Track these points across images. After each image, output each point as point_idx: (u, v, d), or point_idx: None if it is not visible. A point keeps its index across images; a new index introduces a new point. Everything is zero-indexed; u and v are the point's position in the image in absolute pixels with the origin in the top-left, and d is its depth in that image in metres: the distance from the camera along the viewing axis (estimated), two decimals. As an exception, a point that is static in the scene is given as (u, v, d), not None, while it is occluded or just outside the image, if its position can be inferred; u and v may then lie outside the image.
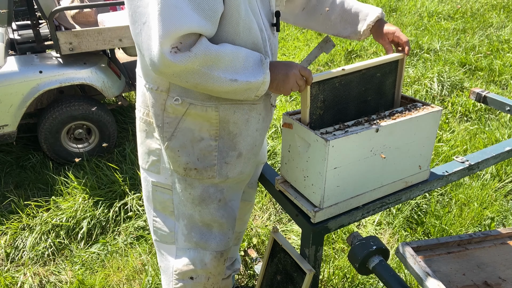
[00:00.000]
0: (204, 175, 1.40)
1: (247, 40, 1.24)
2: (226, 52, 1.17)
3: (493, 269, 1.39)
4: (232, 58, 1.18)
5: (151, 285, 2.25)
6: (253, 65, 1.22)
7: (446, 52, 5.27)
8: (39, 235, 2.63)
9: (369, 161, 1.37)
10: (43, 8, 3.00)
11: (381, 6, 6.79)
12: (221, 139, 1.37)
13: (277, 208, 2.88)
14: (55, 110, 3.20)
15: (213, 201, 1.46)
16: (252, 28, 1.24)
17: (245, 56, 1.21)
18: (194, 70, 1.14)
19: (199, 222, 1.49)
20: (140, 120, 1.45)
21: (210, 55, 1.13)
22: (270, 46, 1.35)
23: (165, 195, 1.48)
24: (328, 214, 1.37)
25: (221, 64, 1.16)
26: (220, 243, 1.53)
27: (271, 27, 1.37)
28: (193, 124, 1.34)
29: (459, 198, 2.85)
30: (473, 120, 3.92)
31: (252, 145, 1.44)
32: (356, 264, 1.23)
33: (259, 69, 1.22)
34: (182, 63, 1.10)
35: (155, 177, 1.47)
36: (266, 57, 1.26)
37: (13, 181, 3.28)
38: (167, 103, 1.31)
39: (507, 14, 6.35)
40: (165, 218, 1.52)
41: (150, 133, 1.42)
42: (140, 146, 1.49)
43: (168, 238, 1.55)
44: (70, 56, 3.24)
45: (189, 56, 1.11)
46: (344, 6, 1.61)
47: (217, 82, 1.17)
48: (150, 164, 1.46)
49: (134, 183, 3.04)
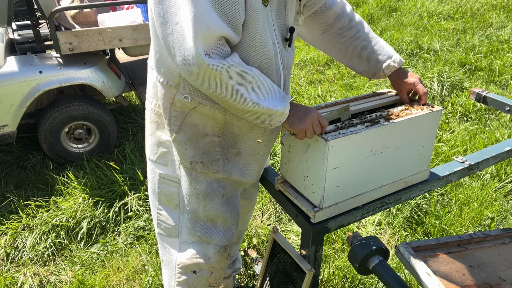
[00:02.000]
0: (210, 169, 1.41)
1: (263, 54, 1.26)
2: (255, 74, 1.20)
3: (493, 269, 1.39)
4: (260, 81, 1.21)
5: (151, 285, 2.25)
6: (276, 94, 1.25)
7: (446, 52, 5.27)
8: (39, 235, 2.63)
9: (369, 161, 1.37)
10: (43, 8, 3.00)
11: (381, 6, 6.80)
12: (224, 136, 1.39)
13: (277, 208, 2.88)
14: (55, 110, 3.20)
15: (217, 196, 1.47)
16: (267, 41, 1.25)
17: (270, 85, 1.24)
18: (223, 81, 1.15)
19: (203, 217, 1.49)
20: (151, 112, 1.45)
21: (242, 71, 1.16)
22: (282, 59, 1.35)
23: (171, 187, 1.49)
24: (328, 214, 1.37)
25: (249, 83, 1.18)
26: (223, 237, 1.53)
27: (283, 42, 1.36)
28: (199, 120, 1.35)
29: (459, 198, 2.85)
30: (473, 120, 3.92)
31: (254, 151, 1.45)
32: (356, 264, 1.23)
33: (281, 100, 1.25)
34: (215, 68, 1.12)
35: (163, 169, 1.48)
36: (287, 94, 1.30)
37: (13, 181, 3.28)
38: (176, 97, 1.32)
39: (507, 14, 6.35)
40: (169, 211, 1.53)
41: (161, 124, 1.43)
42: (149, 138, 1.49)
43: (172, 231, 1.55)
44: (70, 56, 3.24)
45: (223, 64, 1.13)
46: (365, 42, 1.59)
47: (240, 99, 1.19)
48: (158, 155, 1.47)
49: (134, 183, 3.04)
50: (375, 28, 6.16)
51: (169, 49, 1.17)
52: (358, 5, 7.13)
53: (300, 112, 1.30)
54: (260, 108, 1.21)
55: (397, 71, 1.59)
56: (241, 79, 1.17)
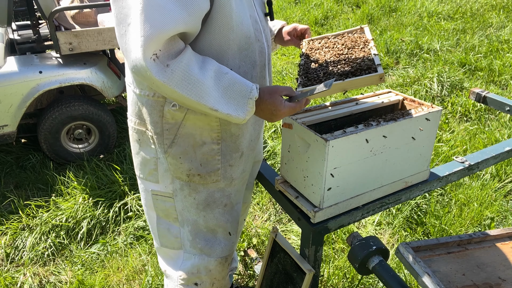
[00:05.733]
0: (208, 180, 1.39)
1: (241, 34, 1.22)
2: (208, 75, 1.10)
3: (493, 269, 1.39)
4: (214, 85, 1.11)
5: (151, 285, 2.25)
6: (238, 96, 1.15)
7: (446, 52, 5.27)
8: (39, 235, 2.63)
9: (369, 161, 1.37)
10: (43, 8, 3.00)
11: (381, 6, 6.80)
12: (224, 142, 1.35)
13: (277, 208, 2.88)
14: (55, 110, 3.20)
15: (218, 205, 1.45)
16: (244, 21, 1.22)
17: (230, 84, 1.14)
18: (170, 89, 1.08)
19: (204, 227, 1.47)
20: (133, 130, 1.40)
21: (189, 75, 1.07)
22: (266, 37, 1.34)
23: (166, 203, 1.46)
24: (328, 214, 1.37)
25: (200, 88, 1.09)
26: (225, 248, 1.53)
27: (265, 18, 1.37)
28: (194, 129, 1.30)
29: (459, 198, 2.85)
30: (473, 120, 3.92)
31: (249, 141, 1.43)
32: (356, 264, 1.23)
33: (243, 104, 1.16)
34: (158, 77, 1.04)
35: (154, 186, 1.44)
36: (256, 91, 1.17)
37: (13, 181, 3.28)
38: (165, 109, 1.27)
39: (506, 14, 6.35)
40: (169, 225, 1.51)
41: (143, 142, 1.38)
42: (135, 157, 1.45)
43: (175, 244, 1.53)
44: (70, 56, 3.24)
45: (165, 71, 1.04)
46: None
47: (196, 105, 1.12)
48: (148, 173, 1.43)
49: (134, 183, 3.04)
50: (375, 28, 6.16)
51: (123, 51, 1.10)
52: (358, 5, 7.13)
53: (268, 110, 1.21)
54: (219, 113, 1.13)
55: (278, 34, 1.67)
56: (189, 86, 1.07)
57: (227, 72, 1.16)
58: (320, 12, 6.82)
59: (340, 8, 7.08)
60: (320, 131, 1.38)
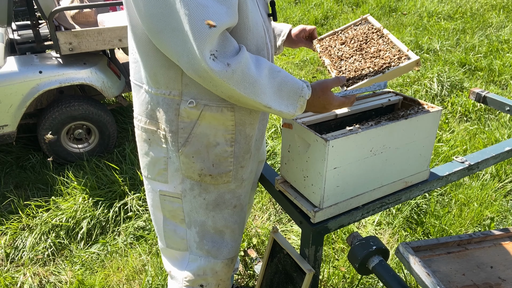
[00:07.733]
0: (219, 181, 1.38)
1: (257, 34, 1.22)
2: (264, 74, 1.14)
3: (493, 269, 1.39)
4: (268, 83, 1.15)
5: (151, 285, 2.25)
6: (290, 94, 1.20)
7: (446, 52, 5.27)
8: (39, 235, 2.63)
9: (369, 161, 1.37)
10: (43, 8, 3.00)
11: (381, 6, 6.80)
12: (237, 144, 1.35)
13: (277, 208, 2.88)
14: (55, 110, 3.21)
15: (227, 206, 1.44)
16: (258, 21, 1.22)
17: (283, 81, 1.19)
18: (229, 88, 1.11)
19: (212, 229, 1.47)
20: (141, 130, 1.39)
21: (248, 75, 1.11)
22: (269, 38, 1.34)
23: (174, 204, 1.44)
24: (328, 214, 1.37)
25: (257, 88, 1.13)
26: (231, 249, 1.52)
27: (268, 18, 1.36)
28: (208, 129, 1.30)
29: (459, 198, 2.85)
30: (473, 120, 3.92)
31: (255, 141, 1.43)
32: (356, 264, 1.23)
33: (294, 101, 1.21)
34: (219, 76, 1.07)
35: (163, 186, 1.42)
36: (308, 89, 1.22)
37: (13, 181, 3.28)
38: (181, 107, 1.27)
39: (506, 14, 6.35)
40: (176, 226, 1.50)
41: (154, 142, 1.37)
42: (143, 157, 1.43)
43: (181, 245, 1.52)
44: (70, 56, 3.24)
45: (226, 71, 1.07)
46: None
47: (250, 102, 1.16)
48: (157, 173, 1.41)
49: (134, 183, 3.04)
50: (375, 28, 6.16)
51: (172, 56, 1.12)
52: (358, 5, 7.13)
53: (319, 106, 1.28)
54: (272, 110, 1.18)
55: (288, 38, 1.69)
56: (247, 85, 1.11)
57: (279, 70, 1.20)
58: (320, 12, 6.82)
59: (340, 8, 7.08)
60: (320, 131, 1.38)
